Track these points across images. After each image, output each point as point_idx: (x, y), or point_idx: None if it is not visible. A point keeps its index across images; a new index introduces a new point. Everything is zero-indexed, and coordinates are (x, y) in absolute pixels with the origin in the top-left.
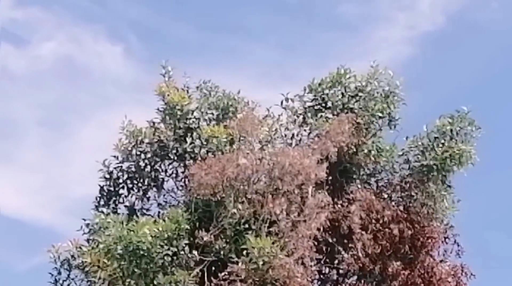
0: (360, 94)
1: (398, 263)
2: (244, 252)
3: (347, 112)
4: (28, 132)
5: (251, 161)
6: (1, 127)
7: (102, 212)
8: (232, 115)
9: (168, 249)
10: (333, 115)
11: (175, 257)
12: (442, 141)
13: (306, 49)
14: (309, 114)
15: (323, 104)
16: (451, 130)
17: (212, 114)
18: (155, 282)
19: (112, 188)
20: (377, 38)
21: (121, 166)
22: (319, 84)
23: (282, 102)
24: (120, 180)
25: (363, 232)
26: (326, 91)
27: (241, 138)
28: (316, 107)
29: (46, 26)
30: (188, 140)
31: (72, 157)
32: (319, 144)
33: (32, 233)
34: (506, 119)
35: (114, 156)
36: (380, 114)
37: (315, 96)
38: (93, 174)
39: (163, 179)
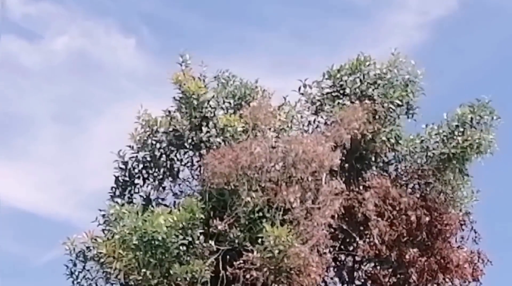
0: (379, 81)
1: (415, 249)
2: (259, 241)
3: (365, 99)
4: (43, 127)
5: (265, 149)
6: (16, 122)
7: (117, 202)
8: (249, 104)
9: (183, 239)
10: (351, 102)
11: (190, 247)
12: (462, 129)
13: (319, 37)
14: (326, 101)
15: (341, 91)
16: (472, 119)
17: (229, 103)
18: (170, 272)
19: (127, 178)
20: (389, 24)
21: (137, 156)
22: (338, 71)
23: (299, 88)
24: (136, 170)
25: (379, 219)
26: (345, 78)
27: (255, 127)
28: (334, 94)
29: (59, 21)
30: (204, 129)
31: (87, 151)
32: (333, 131)
33: (49, 227)
34: None
35: (129, 146)
36: (399, 102)
37: (333, 82)
38: (109, 167)
39: (178, 168)
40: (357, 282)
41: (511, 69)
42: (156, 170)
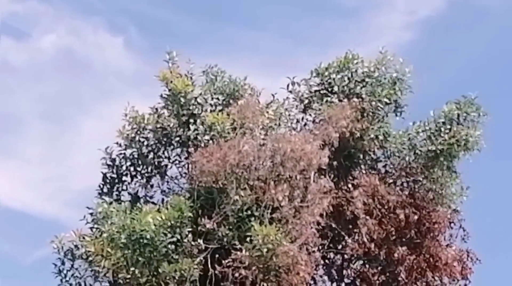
0: (367, 79)
1: (404, 248)
2: (248, 239)
3: (353, 97)
4: (31, 126)
5: (253, 147)
6: (4, 121)
7: (105, 200)
8: (237, 101)
9: (172, 237)
10: (339, 100)
11: (178, 245)
12: (449, 126)
13: (308, 37)
14: (314, 99)
15: (329, 89)
16: (458, 116)
17: (218, 99)
18: (159, 270)
19: (115, 175)
20: (378, 24)
21: (124, 153)
22: (326, 69)
23: (288, 86)
24: (123, 167)
25: (368, 217)
26: (333, 76)
27: (243, 125)
28: (322, 92)
29: (46, 19)
30: (192, 127)
31: (75, 149)
32: (321, 129)
33: (37, 225)
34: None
35: (117, 143)
36: (387, 100)
37: (321, 80)
38: (97, 165)
39: (166, 166)
40: (346, 280)
41: (498, 67)
42: (144, 167)
